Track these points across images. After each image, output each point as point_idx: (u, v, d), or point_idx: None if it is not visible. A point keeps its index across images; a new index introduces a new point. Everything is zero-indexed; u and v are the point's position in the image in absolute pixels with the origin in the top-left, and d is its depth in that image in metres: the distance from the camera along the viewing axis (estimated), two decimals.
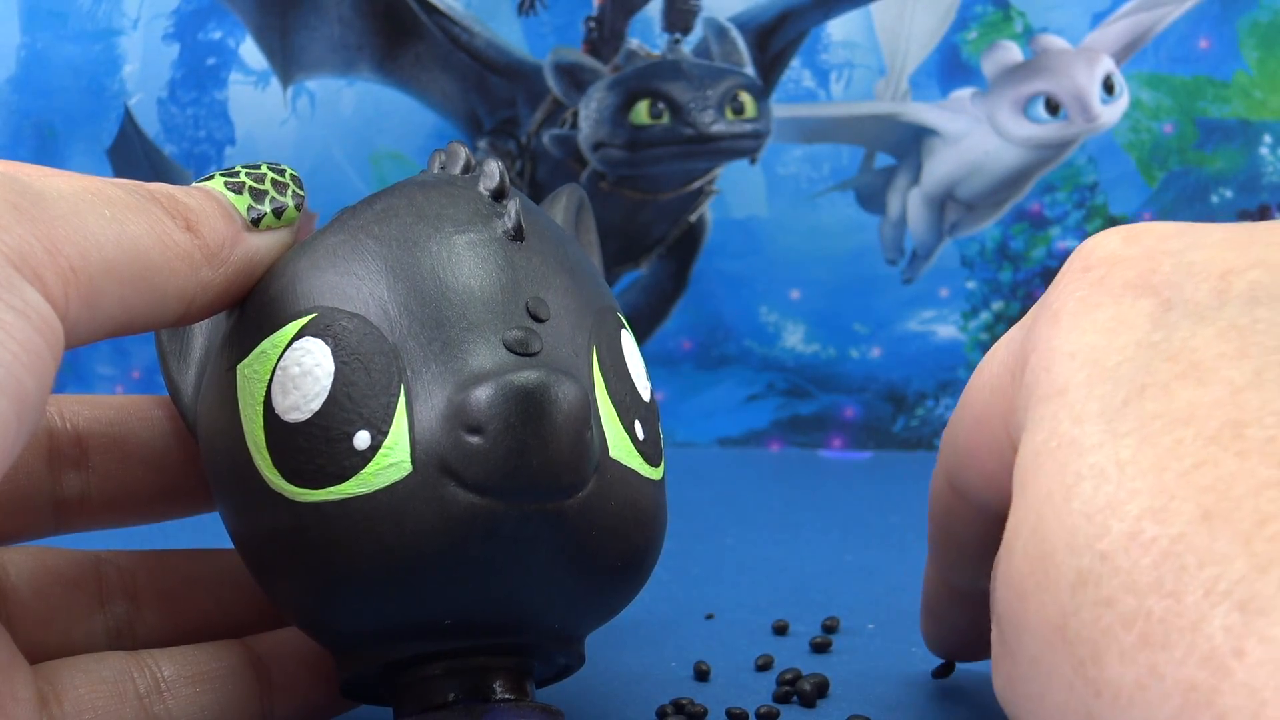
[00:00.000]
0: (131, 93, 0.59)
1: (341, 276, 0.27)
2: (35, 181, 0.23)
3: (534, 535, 0.25)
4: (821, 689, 0.34)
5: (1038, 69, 0.59)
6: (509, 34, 0.58)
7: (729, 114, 0.58)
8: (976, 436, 0.27)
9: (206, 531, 0.31)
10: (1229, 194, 0.59)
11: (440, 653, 0.27)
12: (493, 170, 0.28)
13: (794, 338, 0.60)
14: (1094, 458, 0.21)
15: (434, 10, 0.58)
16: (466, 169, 0.29)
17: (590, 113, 0.58)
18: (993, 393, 0.26)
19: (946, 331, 0.60)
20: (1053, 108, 0.59)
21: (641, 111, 0.58)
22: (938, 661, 0.36)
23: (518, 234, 0.27)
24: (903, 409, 0.60)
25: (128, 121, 0.59)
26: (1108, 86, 0.59)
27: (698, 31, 0.58)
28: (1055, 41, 0.59)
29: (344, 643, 0.28)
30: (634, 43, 0.58)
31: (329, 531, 0.25)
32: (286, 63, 0.59)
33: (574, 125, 0.59)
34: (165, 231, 0.25)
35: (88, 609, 0.30)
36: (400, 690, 0.28)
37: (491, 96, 0.59)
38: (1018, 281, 0.59)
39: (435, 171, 0.30)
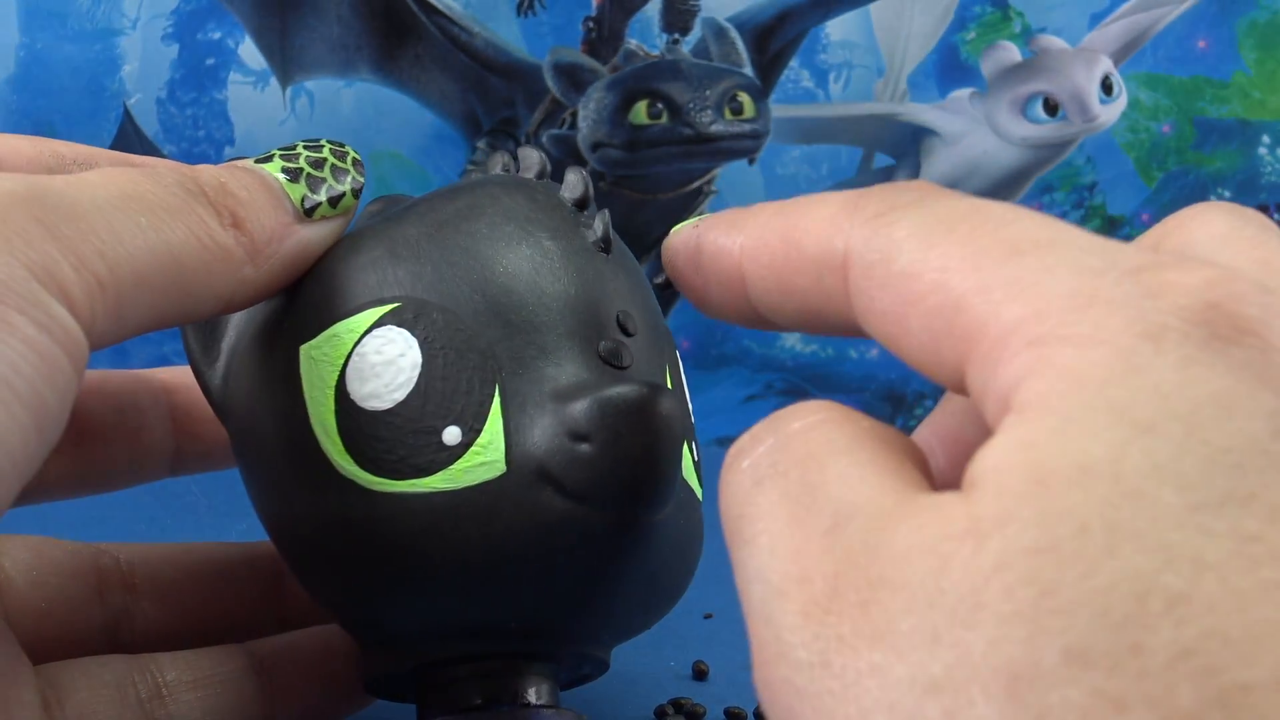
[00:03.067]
0: (131, 93, 0.59)
1: (425, 267, 0.26)
2: (69, 189, 0.23)
3: (621, 546, 0.25)
4: None
5: (1036, 69, 0.59)
6: (508, 34, 0.58)
7: (728, 114, 0.58)
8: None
9: (206, 525, 0.31)
10: (1227, 194, 0.59)
11: (472, 655, 0.27)
12: (576, 180, 0.28)
13: (792, 337, 0.60)
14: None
15: (433, 10, 0.58)
16: (541, 176, 0.29)
17: (589, 113, 0.58)
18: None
19: None
20: (1051, 108, 0.59)
21: (640, 111, 0.58)
22: None
23: (606, 246, 0.27)
24: (901, 409, 0.60)
25: (127, 121, 0.59)
26: (1106, 87, 0.59)
27: (696, 32, 0.58)
28: (1054, 42, 0.59)
29: (387, 638, 0.27)
30: (633, 43, 0.58)
31: (407, 524, 0.25)
32: (285, 63, 0.59)
33: (573, 125, 0.59)
34: (207, 233, 0.24)
35: (86, 600, 0.30)
36: (427, 690, 0.27)
37: (490, 96, 0.59)
38: None
39: (500, 173, 0.29)
